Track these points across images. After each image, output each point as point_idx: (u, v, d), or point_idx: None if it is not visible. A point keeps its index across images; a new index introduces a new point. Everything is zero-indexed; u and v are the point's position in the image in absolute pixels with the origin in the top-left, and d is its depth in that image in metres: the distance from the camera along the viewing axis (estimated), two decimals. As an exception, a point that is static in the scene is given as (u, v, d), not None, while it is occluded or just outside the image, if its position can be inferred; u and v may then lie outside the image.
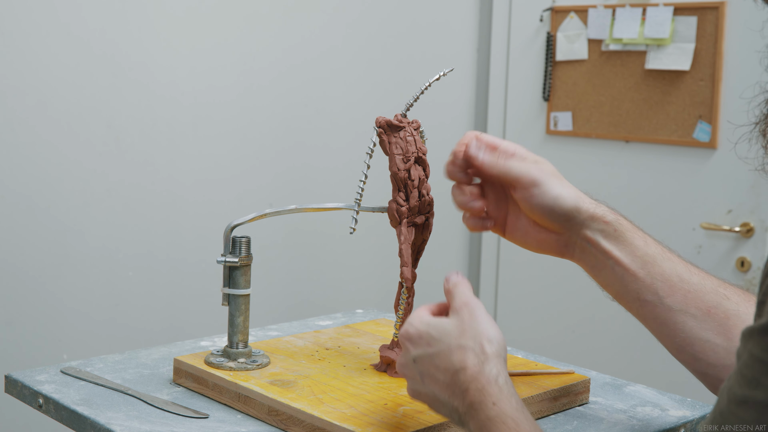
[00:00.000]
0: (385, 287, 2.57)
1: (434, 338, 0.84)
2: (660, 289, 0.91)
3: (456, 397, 0.81)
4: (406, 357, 0.86)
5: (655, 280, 0.91)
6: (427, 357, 0.83)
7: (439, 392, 0.83)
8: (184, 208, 2.25)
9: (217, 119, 2.29)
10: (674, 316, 0.90)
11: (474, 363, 0.80)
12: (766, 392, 0.55)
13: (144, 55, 2.14)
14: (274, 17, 2.38)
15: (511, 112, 2.78)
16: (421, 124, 1.09)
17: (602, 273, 0.95)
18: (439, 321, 0.85)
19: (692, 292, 0.90)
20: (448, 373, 0.81)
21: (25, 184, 1.99)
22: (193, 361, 1.11)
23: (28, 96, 1.98)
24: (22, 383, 1.11)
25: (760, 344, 0.56)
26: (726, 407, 0.58)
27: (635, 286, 0.92)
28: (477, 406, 0.79)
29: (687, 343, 0.90)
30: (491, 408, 0.78)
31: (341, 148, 2.54)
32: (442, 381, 0.82)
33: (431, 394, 0.84)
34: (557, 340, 2.66)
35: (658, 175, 2.47)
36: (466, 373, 0.80)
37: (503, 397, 0.78)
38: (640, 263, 0.92)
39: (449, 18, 2.79)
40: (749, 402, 0.56)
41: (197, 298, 2.27)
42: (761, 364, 0.55)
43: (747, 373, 0.57)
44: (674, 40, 2.38)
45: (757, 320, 0.58)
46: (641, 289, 0.92)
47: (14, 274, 1.99)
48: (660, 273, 0.91)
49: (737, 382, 0.58)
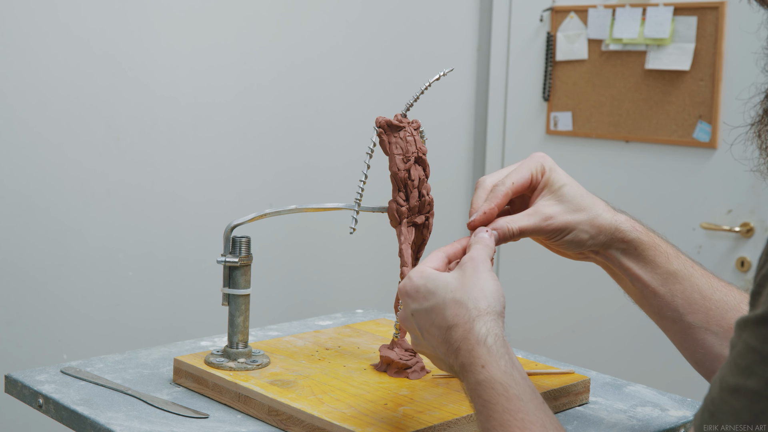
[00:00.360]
0: (385, 287, 2.57)
1: (431, 292, 0.83)
2: (680, 306, 0.91)
3: (450, 354, 0.80)
4: (406, 311, 0.86)
5: (676, 298, 0.91)
6: (423, 311, 0.83)
7: (437, 347, 0.82)
8: (184, 208, 2.25)
9: (217, 119, 2.29)
10: (695, 333, 0.91)
11: (465, 320, 0.79)
12: (759, 381, 0.55)
13: (144, 55, 2.14)
14: (274, 17, 2.38)
15: (511, 112, 2.78)
16: (421, 124, 1.09)
17: (623, 284, 0.95)
18: (438, 275, 0.84)
19: (713, 310, 0.90)
20: (442, 329, 0.81)
21: (25, 184, 1.99)
22: (193, 361, 1.11)
23: (28, 96, 1.98)
24: (22, 383, 1.11)
25: (754, 334, 0.56)
26: (718, 395, 0.58)
27: (655, 302, 0.92)
28: (468, 367, 0.78)
29: (708, 359, 0.91)
30: (480, 371, 0.77)
31: (341, 148, 2.54)
32: (437, 336, 0.81)
33: (431, 348, 0.84)
34: (557, 340, 2.66)
35: (658, 175, 2.47)
36: (457, 331, 0.79)
37: (491, 360, 0.77)
38: (660, 281, 0.91)
39: (449, 18, 2.79)
40: (741, 390, 0.56)
41: (197, 298, 2.27)
42: (755, 354, 0.56)
43: (740, 362, 0.57)
44: (674, 40, 2.39)
45: (752, 310, 0.58)
46: (662, 306, 0.92)
47: (14, 274, 1.99)
48: (681, 291, 0.91)
49: (730, 371, 0.58)
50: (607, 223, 0.92)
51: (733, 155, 2.24)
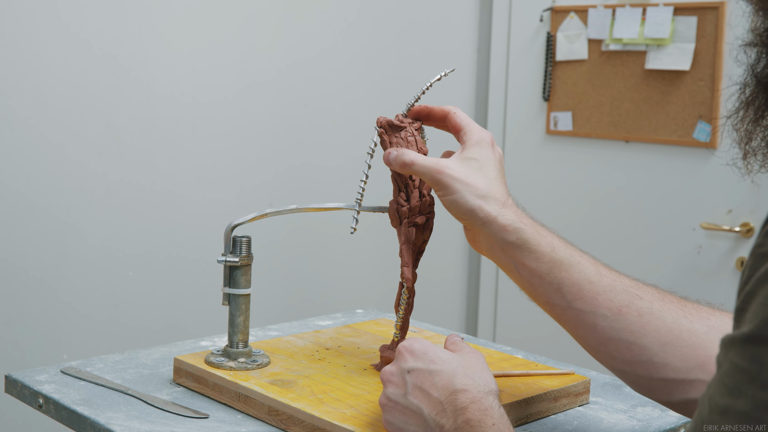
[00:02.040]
0: (385, 287, 2.57)
1: (441, 359, 0.86)
2: (568, 293, 0.91)
3: (445, 415, 0.82)
4: (399, 366, 0.87)
5: (563, 285, 0.91)
6: (426, 372, 0.85)
7: (424, 408, 0.84)
8: (185, 208, 2.25)
9: (217, 118, 2.29)
10: (585, 318, 0.91)
11: (477, 390, 0.83)
12: (748, 402, 0.54)
13: (144, 54, 2.14)
14: (274, 16, 2.38)
15: (511, 112, 2.78)
16: (421, 124, 1.09)
17: (511, 274, 0.95)
18: (446, 351, 0.88)
19: (602, 293, 0.90)
20: (445, 392, 0.83)
21: (25, 183, 1.99)
22: (193, 360, 1.11)
23: (28, 95, 1.98)
24: (22, 383, 1.11)
25: (741, 353, 0.55)
26: (708, 416, 0.57)
27: (543, 290, 0.93)
28: (475, 423, 0.80)
29: (600, 343, 0.91)
30: (490, 428, 0.79)
31: (341, 147, 2.54)
32: (435, 398, 0.84)
33: (413, 407, 0.85)
34: (557, 340, 2.66)
35: (658, 175, 2.47)
36: (467, 395, 0.82)
37: (504, 421, 0.81)
38: (546, 269, 0.92)
39: (449, 18, 2.79)
40: (731, 412, 0.55)
41: (197, 298, 2.27)
42: (743, 374, 0.55)
43: (728, 383, 0.56)
44: (674, 40, 2.39)
45: (736, 328, 0.58)
46: (549, 293, 0.92)
47: (14, 273, 1.99)
48: (567, 278, 0.91)
49: (718, 391, 0.57)
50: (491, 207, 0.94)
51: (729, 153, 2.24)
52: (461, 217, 0.95)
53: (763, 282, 0.55)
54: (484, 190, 0.94)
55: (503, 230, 0.93)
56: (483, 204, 0.94)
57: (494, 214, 0.93)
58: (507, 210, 0.94)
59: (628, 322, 0.89)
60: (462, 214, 0.94)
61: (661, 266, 2.46)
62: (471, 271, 2.90)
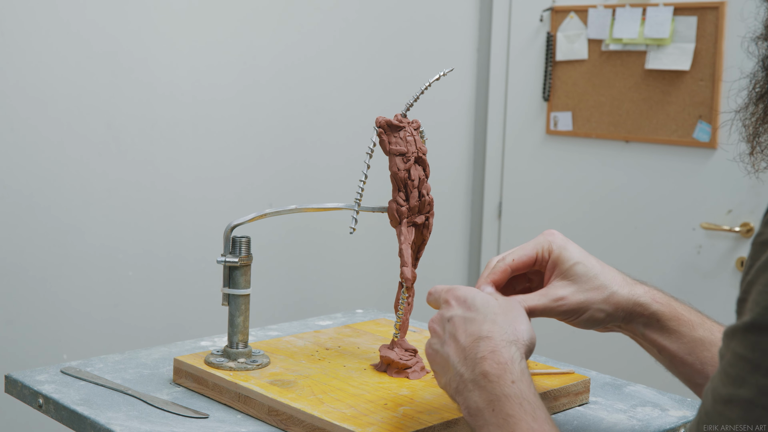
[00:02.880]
0: (385, 287, 2.57)
1: (476, 306, 0.83)
2: (711, 372, 0.89)
3: (466, 364, 0.79)
4: (442, 314, 0.86)
5: (705, 366, 0.89)
6: (460, 319, 0.83)
7: (452, 355, 0.81)
8: (185, 207, 2.25)
9: (217, 118, 2.29)
10: None
11: (501, 337, 0.79)
12: (751, 390, 0.54)
13: (144, 54, 2.14)
14: (274, 15, 2.38)
15: (511, 111, 2.78)
16: (421, 124, 1.09)
17: (651, 353, 0.94)
18: (487, 295, 0.85)
19: None
20: (471, 338, 0.80)
21: (25, 183, 1.99)
22: (193, 361, 1.11)
23: (28, 94, 1.98)
24: (22, 383, 1.11)
25: (743, 342, 0.55)
26: (711, 407, 0.57)
27: (684, 370, 0.91)
28: (493, 378, 0.76)
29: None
30: (509, 385, 0.75)
31: (341, 147, 2.54)
32: (462, 343, 0.81)
33: (444, 357, 0.82)
34: (557, 340, 2.66)
35: (658, 175, 2.47)
36: (489, 342, 0.79)
37: (523, 379, 0.76)
38: (687, 350, 0.90)
39: (449, 17, 2.79)
40: (734, 401, 0.55)
41: (197, 298, 2.27)
42: (745, 362, 0.55)
43: (731, 372, 0.56)
44: (674, 40, 2.38)
45: (739, 318, 0.58)
46: (692, 374, 0.90)
47: (14, 273, 1.99)
48: (710, 358, 0.89)
49: (721, 381, 0.57)
50: (624, 300, 0.91)
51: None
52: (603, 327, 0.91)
53: (763, 271, 0.55)
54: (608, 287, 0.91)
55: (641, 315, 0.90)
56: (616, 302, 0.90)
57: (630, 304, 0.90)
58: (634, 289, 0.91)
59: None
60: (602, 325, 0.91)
61: (661, 266, 2.46)
62: (471, 270, 2.90)
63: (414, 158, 1.06)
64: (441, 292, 0.88)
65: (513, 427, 0.73)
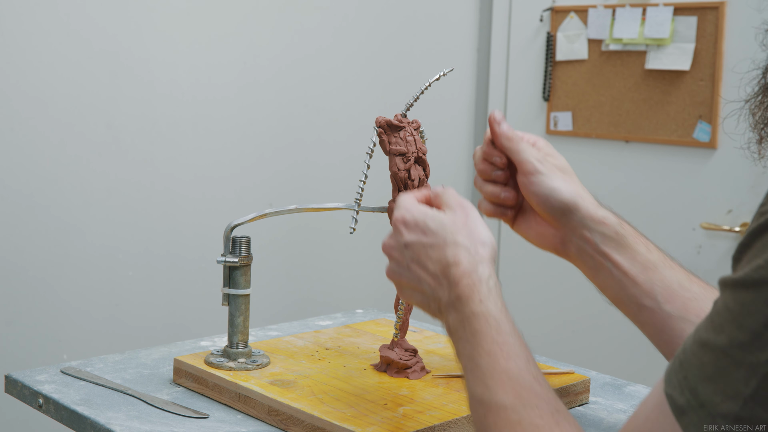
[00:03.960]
0: (385, 287, 2.56)
1: (431, 229, 0.85)
2: (659, 294, 0.90)
3: (442, 288, 0.82)
4: (398, 240, 0.88)
5: (655, 286, 0.91)
6: (420, 245, 0.85)
7: (425, 280, 0.84)
8: (185, 207, 2.25)
9: (217, 117, 2.29)
10: (673, 323, 0.90)
11: (468, 261, 0.82)
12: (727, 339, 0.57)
13: (144, 53, 2.14)
14: (274, 14, 2.38)
15: (511, 111, 2.78)
16: (421, 124, 1.09)
17: (600, 275, 0.94)
18: (436, 213, 0.86)
19: (693, 300, 0.90)
20: (440, 265, 0.83)
21: (25, 182, 1.99)
22: (193, 361, 1.11)
23: (28, 94, 1.98)
24: (22, 383, 1.11)
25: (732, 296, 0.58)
26: (690, 347, 0.60)
27: (634, 291, 0.92)
28: (464, 299, 0.80)
29: None
30: (477, 304, 0.79)
31: (341, 146, 2.54)
32: (431, 271, 0.84)
33: (415, 279, 0.85)
34: (557, 340, 2.67)
35: (658, 175, 2.47)
36: (459, 269, 0.81)
37: (491, 297, 0.80)
38: (640, 268, 0.92)
39: (449, 17, 2.79)
40: (710, 345, 0.58)
41: (197, 297, 2.27)
42: (728, 314, 0.58)
43: (715, 319, 0.59)
44: (674, 40, 2.38)
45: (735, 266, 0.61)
46: (640, 294, 0.91)
47: (14, 273, 1.99)
48: (660, 279, 0.91)
49: (705, 325, 0.60)
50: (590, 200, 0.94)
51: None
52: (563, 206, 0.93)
53: (757, 235, 0.58)
54: (580, 185, 0.95)
55: (602, 224, 0.93)
56: (583, 196, 0.94)
57: (593, 207, 0.93)
58: (602, 207, 0.95)
59: None
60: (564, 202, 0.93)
61: (661, 266, 2.46)
62: (471, 271, 2.89)
63: (414, 158, 1.06)
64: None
65: (479, 340, 0.78)
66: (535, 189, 0.94)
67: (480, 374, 0.76)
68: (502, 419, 0.73)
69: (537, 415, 0.71)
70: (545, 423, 0.71)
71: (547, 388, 0.74)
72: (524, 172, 0.94)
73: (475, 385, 0.76)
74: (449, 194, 0.88)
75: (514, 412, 0.72)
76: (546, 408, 0.72)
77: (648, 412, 0.62)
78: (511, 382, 0.74)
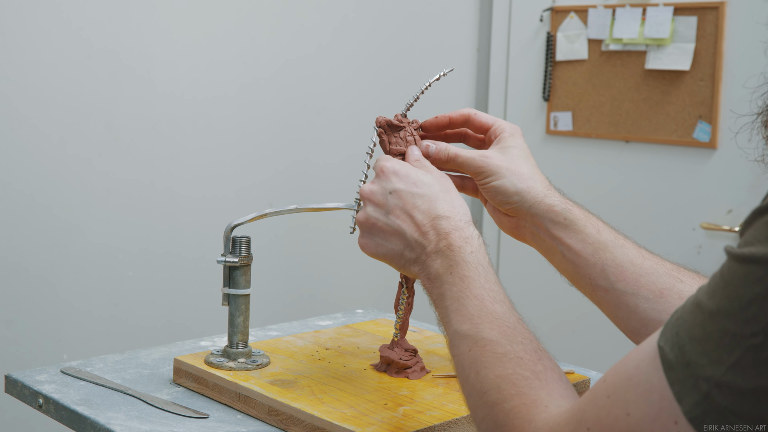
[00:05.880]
0: (385, 287, 2.57)
1: (422, 181, 0.89)
2: (611, 274, 0.93)
3: (427, 238, 0.86)
4: (383, 186, 0.90)
5: (606, 266, 0.93)
6: (409, 194, 0.89)
7: (407, 228, 0.87)
8: (185, 206, 2.25)
9: (217, 116, 2.29)
10: (627, 300, 0.93)
11: (458, 218, 0.87)
12: (716, 306, 0.59)
13: (144, 52, 2.14)
14: (274, 13, 2.38)
15: (511, 111, 2.78)
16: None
17: (555, 258, 0.97)
18: (425, 174, 0.91)
19: (644, 276, 0.92)
20: (428, 216, 0.87)
21: (25, 182, 1.99)
22: (193, 361, 1.11)
23: (28, 93, 1.98)
24: (22, 383, 1.11)
25: (731, 267, 0.60)
26: (687, 304, 0.62)
27: (587, 272, 0.95)
28: (456, 249, 0.84)
29: (642, 325, 0.92)
30: (468, 254, 0.84)
31: (341, 145, 2.54)
32: (418, 220, 0.87)
33: (394, 225, 0.88)
34: (557, 340, 2.66)
35: (658, 176, 2.46)
36: (450, 222, 0.86)
37: (481, 252, 0.85)
38: (591, 249, 0.94)
39: (449, 17, 2.79)
40: (702, 306, 0.60)
41: (197, 297, 2.27)
42: (724, 282, 0.59)
43: (712, 284, 0.61)
44: (674, 40, 2.38)
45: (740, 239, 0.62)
46: (593, 275, 0.94)
47: (14, 273, 1.99)
48: (611, 259, 0.93)
49: (704, 288, 0.62)
50: (538, 189, 0.97)
51: (737, 144, 2.23)
52: (508, 200, 0.97)
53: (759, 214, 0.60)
54: (528, 175, 0.98)
55: (550, 211, 0.96)
56: (529, 186, 0.97)
57: (541, 195, 0.96)
58: (552, 192, 0.97)
59: (669, 304, 0.90)
60: (509, 198, 0.97)
61: (661, 266, 2.46)
62: (471, 270, 2.89)
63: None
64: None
65: (468, 284, 0.82)
66: (481, 189, 0.99)
67: (466, 313, 0.80)
68: (489, 351, 0.76)
69: (522, 349, 0.75)
70: (530, 358, 0.74)
71: (530, 331, 0.79)
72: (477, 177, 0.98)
73: (460, 323, 0.80)
74: (430, 165, 0.94)
75: (499, 345, 0.76)
76: (530, 345, 0.76)
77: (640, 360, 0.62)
78: (498, 321, 0.78)
